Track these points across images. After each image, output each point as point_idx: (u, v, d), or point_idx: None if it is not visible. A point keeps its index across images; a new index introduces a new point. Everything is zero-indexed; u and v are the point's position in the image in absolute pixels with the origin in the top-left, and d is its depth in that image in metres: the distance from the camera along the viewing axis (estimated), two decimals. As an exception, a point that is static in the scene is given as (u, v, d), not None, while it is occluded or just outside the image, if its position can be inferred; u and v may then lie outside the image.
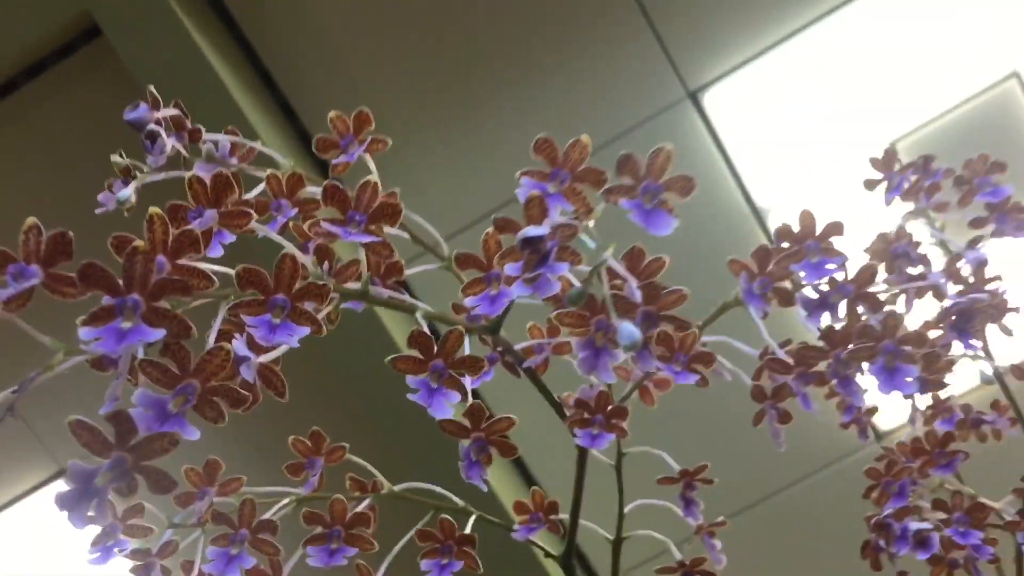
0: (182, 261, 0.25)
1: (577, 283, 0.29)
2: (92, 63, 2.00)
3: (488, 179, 2.00)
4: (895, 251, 0.38)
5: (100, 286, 0.23)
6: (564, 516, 0.45)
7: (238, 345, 0.27)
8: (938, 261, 0.47)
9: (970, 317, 0.33)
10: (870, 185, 0.42)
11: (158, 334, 0.22)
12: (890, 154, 0.42)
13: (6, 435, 2.27)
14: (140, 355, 0.25)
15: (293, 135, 1.94)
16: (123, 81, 1.88)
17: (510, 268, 0.27)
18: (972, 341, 0.39)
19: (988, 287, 0.44)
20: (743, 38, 2.16)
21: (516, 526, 0.43)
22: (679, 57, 2.12)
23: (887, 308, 0.35)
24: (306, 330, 0.27)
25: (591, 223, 0.28)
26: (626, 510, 0.46)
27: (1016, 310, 0.43)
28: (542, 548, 0.44)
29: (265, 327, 0.26)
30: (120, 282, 0.23)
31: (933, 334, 0.43)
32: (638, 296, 0.27)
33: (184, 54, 1.84)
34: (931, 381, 0.32)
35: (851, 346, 0.31)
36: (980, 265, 0.38)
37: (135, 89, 1.83)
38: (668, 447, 0.49)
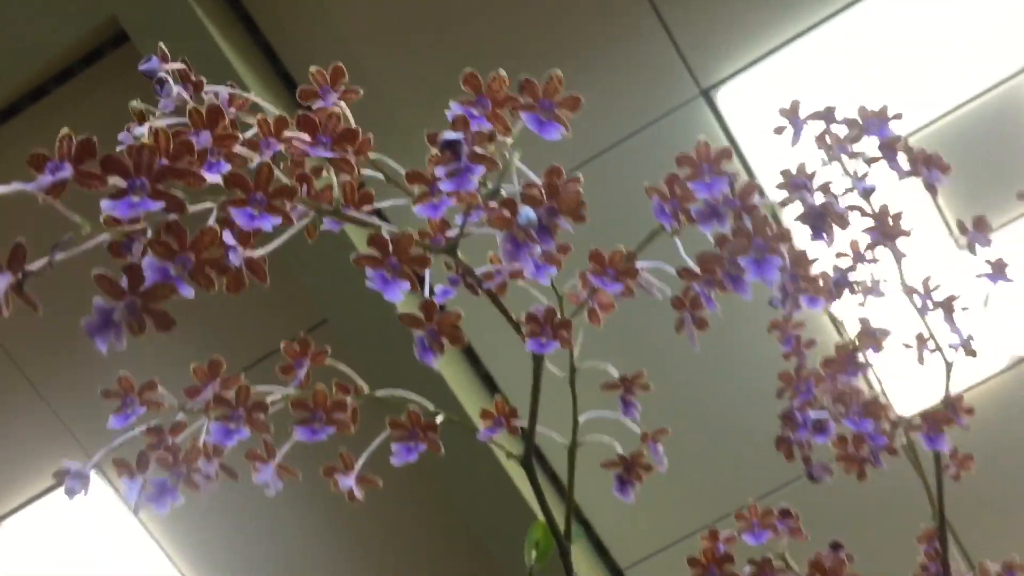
0: (179, 161, 0.33)
1: (529, 213, 0.38)
2: (119, 68, 2.11)
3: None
4: (794, 184, 0.45)
5: (117, 172, 0.31)
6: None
7: (227, 236, 0.35)
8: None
9: (820, 217, 0.40)
10: (778, 131, 0.50)
11: (158, 205, 0.31)
12: (795, 104, 0.49)
13: (36, 428, 2.37)
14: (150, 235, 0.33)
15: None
16: (149, 85, 1.99)
17: (438, 170, 0.35)
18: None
19: (894, 221, 0.52)
20: (755, 36, 2.23)
21: (480, 428, 0.51)
22: (691, 55, 2.18)
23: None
24: (279, 219, 0.35)
25: (509, 139, 0.36)
26: (580, 419, 0.54)
27: (907, 233, 0.50)
28: (503, 448, 0.52)
29: (246, 216, 0.34)
30: (131, 169, 0.31)
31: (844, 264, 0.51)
32: (543, 194, 0.35)
33: (207, 57, 1.94)
34: (801, 275, 0.40)
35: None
36: (867, 192, 0.46)
37: (162, 93, 1.93)
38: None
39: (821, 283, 0.45)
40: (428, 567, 2.19)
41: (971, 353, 0.57)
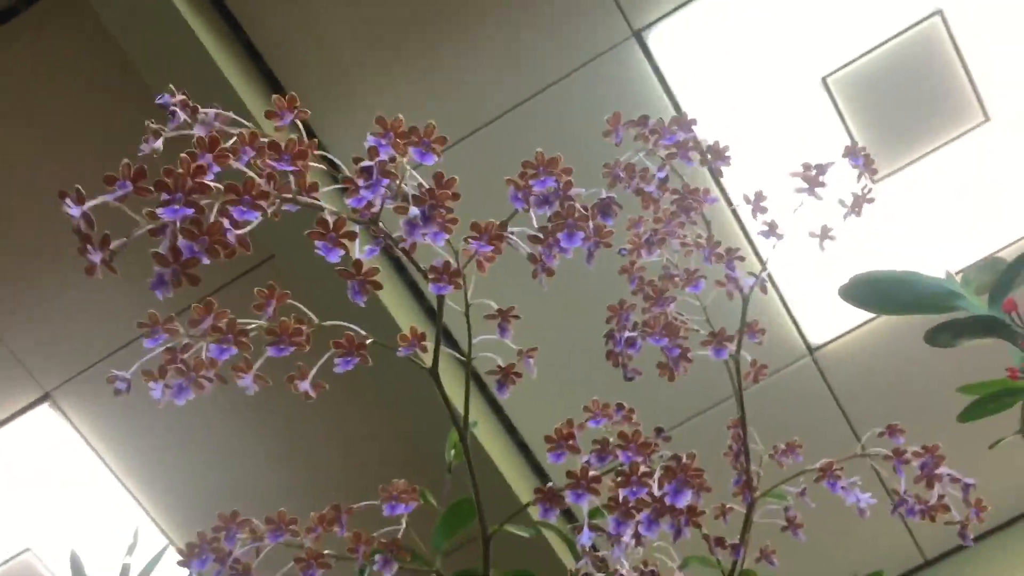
0: (198, 179, 0.57)
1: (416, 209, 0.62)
2: (60, 8, 2.29)
3: (444, 114, 2.31)
4: (614, 173, 0.70)
5: (163, 189, 0.55)
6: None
7: (226, 223, 0.60)
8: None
9: (607, 207, 0.65)
10: (607, 135, 0.75)
11: (191, 211, 0.55)
12: (616, 115, 0.74)
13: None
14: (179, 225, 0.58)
15: (254, 71, 2.24)
16: (90, 26, 2.19)
17: (360, 182, 0.60)
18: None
19: (697, 196, 0.77)
20: (685, -22, 2.44)
21: (400, 348, 0.76)
22: (623, -3, 2.40)
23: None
24: (257, 214, 0.59)
25: (406, 159, 0.60)
26: (473, 341, 0.79)
27: (713, 199, 0.76)
28: (419, 362, 0.77)
29: (239, 212, 0.59)
30: (172, 187, 0.55)
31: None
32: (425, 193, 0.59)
33: (162, 16, 2.11)
34: (601, 242, 0.65)
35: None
36: (662, 182, 0.71)
37: (100, 30, 2.13)
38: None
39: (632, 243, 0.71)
40: (364, 466, 2.53)
41: (763, 291, 0.83)
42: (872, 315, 2.50)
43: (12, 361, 2.59)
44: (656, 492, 0.67)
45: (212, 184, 0.59)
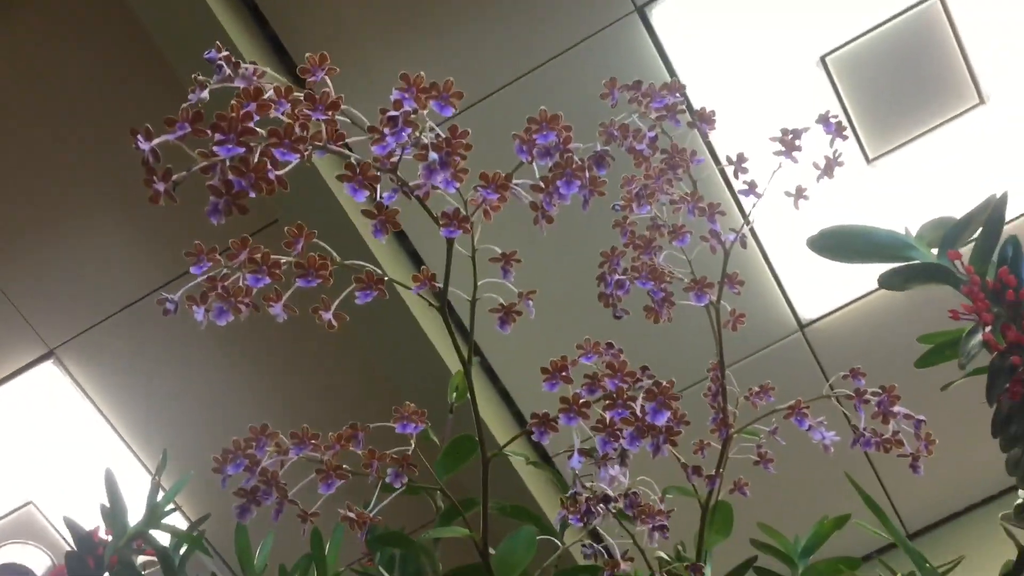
0: (246, 124, 0.68)
1: (435, 155, 0.73)
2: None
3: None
4: (608, 132, 0.81)
5: (218, 131, 0.65)
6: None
7: (268, 164, 0.70)
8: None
9: (601, 158, 0.75)
10: (604, 96, 0.85)
11: (241, 150, 0.65)
12: (612, 79, 0.85)
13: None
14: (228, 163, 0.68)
15: (259, 35, 2.33)
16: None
17: (385, 130, 0.70)
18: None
19: (682, 156, 0.88)
20: (689, -46, 2.53)
21: (412, 287, 0.86)
22: (628, -29, 2.49)
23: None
24: (297, 156, 0.70)
25: (425, 111, 0.71)
26: (479, 283, 0.89)
27: (700, 160, 0.86)
28: (427, 299, 0.88)
29: (280, 154, 0.69)
30: (226, 129, 0.66)
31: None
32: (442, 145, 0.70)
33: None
34: (595, 191, 0.75)
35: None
36: (652, 140, 0.82)
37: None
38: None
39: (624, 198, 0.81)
40: (351, 412, 2.68)
41: (743, 245, 0.93)
42: (863, 292, 2.61)
43: (17, 318, 2.69)
44: (638, 413, 0.78)
45: (257, 129, 0.69)
